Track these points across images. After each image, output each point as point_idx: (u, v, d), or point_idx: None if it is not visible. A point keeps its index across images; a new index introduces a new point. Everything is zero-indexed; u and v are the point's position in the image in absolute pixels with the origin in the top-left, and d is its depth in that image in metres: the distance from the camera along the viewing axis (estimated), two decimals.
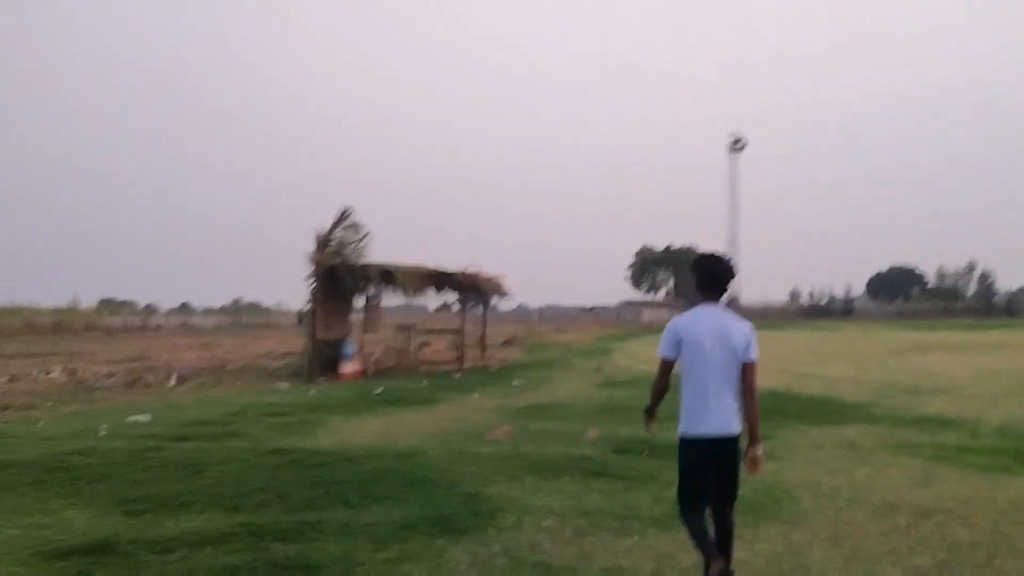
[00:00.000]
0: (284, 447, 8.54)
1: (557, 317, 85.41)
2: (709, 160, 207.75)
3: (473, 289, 20.38)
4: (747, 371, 4.11)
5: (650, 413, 4.49)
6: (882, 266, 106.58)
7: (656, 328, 56.43)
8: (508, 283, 22.44)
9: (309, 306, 17.86)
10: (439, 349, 28.44)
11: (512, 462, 7.65)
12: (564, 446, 8.75)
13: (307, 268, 17.88)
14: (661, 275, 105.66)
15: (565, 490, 6.61)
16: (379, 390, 14.38)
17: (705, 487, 4.11)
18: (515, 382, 16.66)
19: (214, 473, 7.12)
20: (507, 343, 32.42)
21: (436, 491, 6.44)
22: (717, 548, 4.03)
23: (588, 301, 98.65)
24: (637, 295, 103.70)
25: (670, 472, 5.40)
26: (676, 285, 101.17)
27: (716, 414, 4.04)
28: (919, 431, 9.85)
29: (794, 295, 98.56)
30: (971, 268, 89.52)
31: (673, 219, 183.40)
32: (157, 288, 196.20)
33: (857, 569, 4.77)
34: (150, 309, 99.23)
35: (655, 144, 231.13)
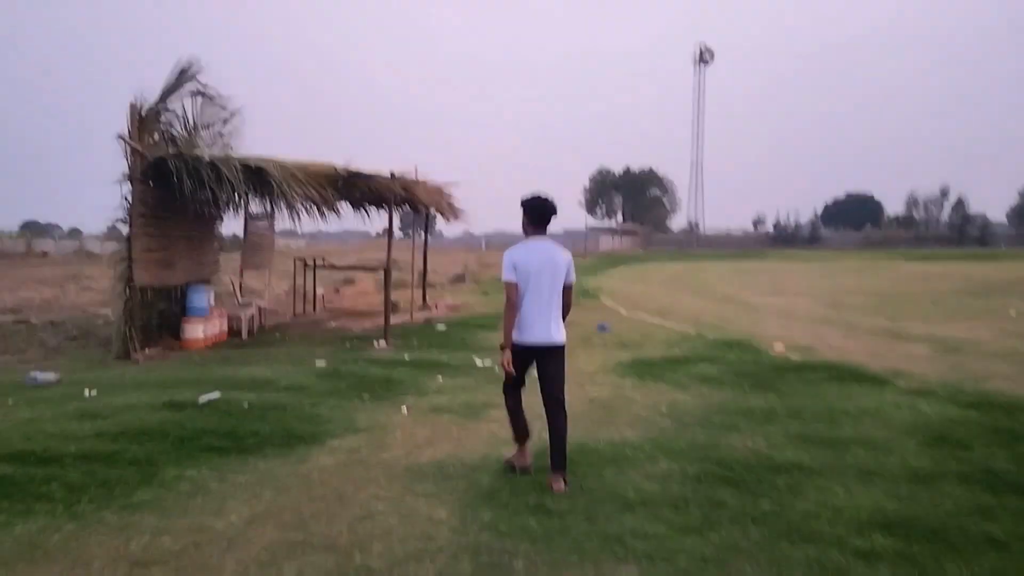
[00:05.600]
0: None
1: (506, 245, 78.01)
2: (672, 78, 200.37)
3: (407, 202, 13.01)
4: (566, 291, 5.00)
5: (507, 342, 4.91)
6: (838, 193, 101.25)
7: (622, 259, 50.05)
8: (459, 196, 15.05)
9: (124, 230, 10.40)
10: (365, 290, 21.15)
11: None
12: None
13: (122, 163, 10.39)
14: (618, 200, 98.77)
15: None
16: (210, 397, 7.14)
17: (523, 377, 5.01)
18: (479, 361, 9.58)
19: None
20: (457, 280, 25.26)
21: None
22: (553, 457, 4.79)
23: None
24: (590, 222, 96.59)
25: None
26: (635, 211, 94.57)
27: (542, 328, 4.86)
28: None
29: (757, 222, 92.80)
30: (944, 194, 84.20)
31: (631, 141, 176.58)
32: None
33: None
34: (75, 233, 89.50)
35: (612, 60, 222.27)
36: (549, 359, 4.92)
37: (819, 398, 7.47)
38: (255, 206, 14.10)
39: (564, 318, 5.04)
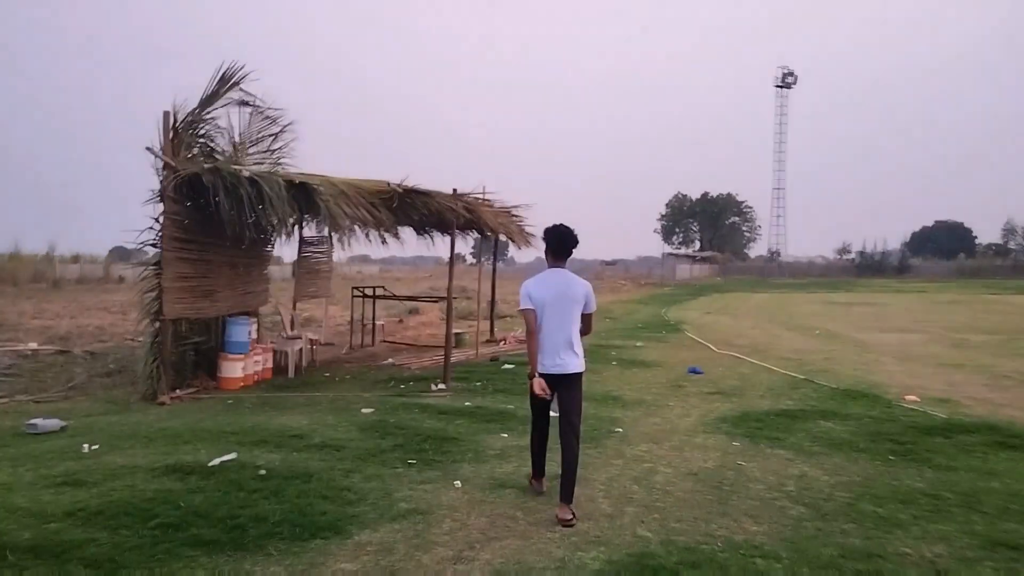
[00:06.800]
0: None
1: (579, 271, 76.27)
2: (750, 102, 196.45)
3: (473, 226, 11.67)
4: (586, 319, 5.10)
5: (535, 370, 4.94)
6: (925, 221, 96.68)
7: (702, 289, 47.76)
8: (532, 217, 13.64)
9: (154, 253, 9.31)
10: (430, 320, 19.92)
11: None
12: None
13: (156, 180, 9.33)
14: (695, 226, 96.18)
15: None
16: (224, 459, 5.85)
17: (547, 412, 5.19)
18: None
19: None
20: None
21: None
22: (562, 487, 4.80)
23: (606, 254, 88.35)
24: (662, 249, 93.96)
25: None
26: (712, 239, 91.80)
27: (559, 358, 4.91)
28: None
29: (843, 250, 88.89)
30: None
31: (709, 166, 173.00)
32: None
33: None
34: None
35: (691, 82, 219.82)
36: (566, 387, 4.98)
37: (992, 476, 5.76)
38: (309, 229, 13.04)
39: (584, 336, 5.14)
